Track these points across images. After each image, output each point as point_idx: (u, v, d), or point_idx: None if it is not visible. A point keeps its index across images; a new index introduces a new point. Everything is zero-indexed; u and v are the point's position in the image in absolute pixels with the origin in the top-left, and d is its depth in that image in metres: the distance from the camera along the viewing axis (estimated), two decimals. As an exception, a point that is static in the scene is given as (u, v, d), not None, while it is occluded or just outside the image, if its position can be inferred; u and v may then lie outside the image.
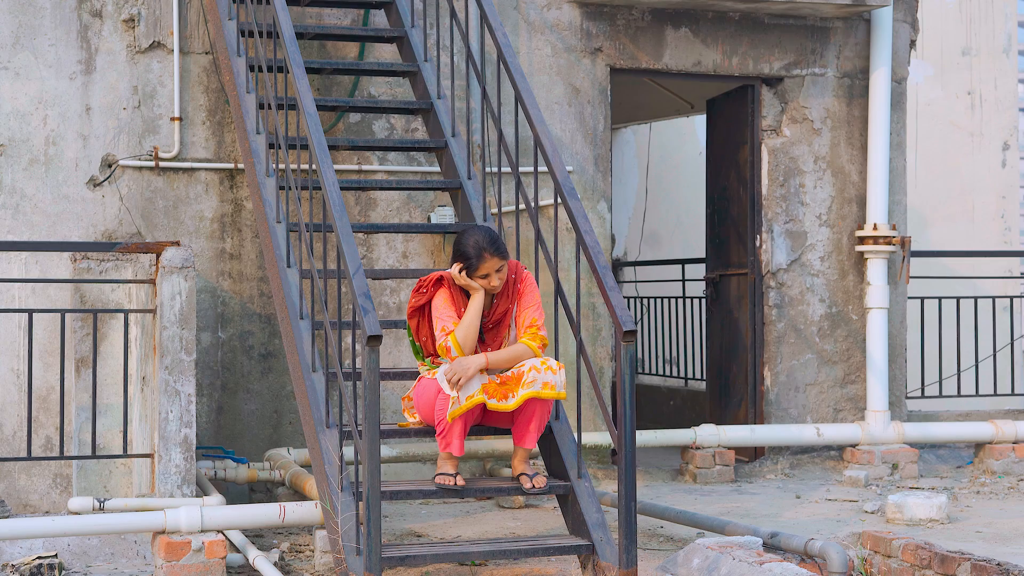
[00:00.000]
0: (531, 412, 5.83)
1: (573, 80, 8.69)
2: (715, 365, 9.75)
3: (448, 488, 5.78)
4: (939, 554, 5.64)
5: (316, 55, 8.26)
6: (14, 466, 7.53)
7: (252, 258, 8.07)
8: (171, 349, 6.57)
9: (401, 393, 8.09)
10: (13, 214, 7.70)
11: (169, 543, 5.94)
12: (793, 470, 9.02)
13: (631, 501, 5.48)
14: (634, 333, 5.47)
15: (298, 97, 6.20)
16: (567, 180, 6.06)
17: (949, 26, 10.22)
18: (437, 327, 5.93)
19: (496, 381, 5.79)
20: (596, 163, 8.73)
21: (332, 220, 5.65)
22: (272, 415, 8.08)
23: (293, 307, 6.40)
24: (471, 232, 5.92)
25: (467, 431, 5.84)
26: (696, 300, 11.79)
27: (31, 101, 7.76)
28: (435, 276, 6.01)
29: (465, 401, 5.71)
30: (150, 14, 7.95)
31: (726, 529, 6.55)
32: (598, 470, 8.42)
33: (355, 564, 5.39)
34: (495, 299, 6.01)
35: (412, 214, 8.36)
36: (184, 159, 7.99)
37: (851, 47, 9.30)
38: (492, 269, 5.87)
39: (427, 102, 7.58)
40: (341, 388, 5.67)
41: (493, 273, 5.88)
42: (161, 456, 6.53)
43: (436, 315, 5.95)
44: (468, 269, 5.88)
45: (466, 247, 5.88)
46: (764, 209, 9.17)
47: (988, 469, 8.95)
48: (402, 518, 7.43)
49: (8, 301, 7.60)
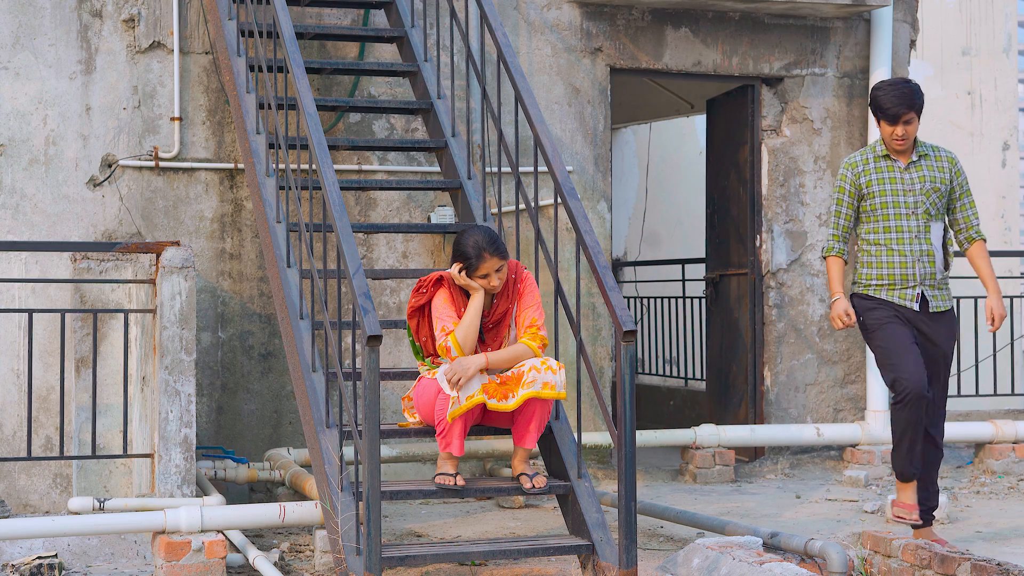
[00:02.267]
0: (531, 412, 5.82)
1: (573, 80, 8.69)
2: (715, 365, 9.75)
3: (448, 488, 5.77)
4: (939, 554, 5.64)
5: (316, 55, 8.26)
6: (14, 466, 7.53)
7: (252, 258, 8.07)
8: (171, 349, 6.57)
9: (401, 393, 8.09)
10: (13, 214, 7.70)
11: (169, 543, 5.94)
12: (793, 470, 9.02)
13: (631, 501, 5.48)
14: (634, 333, 5.47)
15: (298, 97, 6.20)
16: (567, 180, 6.06)
17: (949, 26, 10.21)
18: (437, 327, 5.92)
19: (496, 381, 5.79)
20: (596, 163, 8.73)
21: (332, 220, 5.64)
22: (272, 415, 8.08)
23: (293, 307, 6.40)
24: (470, 232, 5.92)
25: (467, 431, 5.84)
26: (696, 300, 11.78)
27: (31, 101, 7.76)
28: (435, 276, 6.01)
29: (465, 401, 5.71)
30: (150, 14, 7.95)
31: (726, 529, 6.55)
32: (598, 470, 8.42)
33: (355, 564, 5.39)
34: (495, 299, 6.01)
35: (412, 214, 8.36)
36: (184, 159, 7.99)
37: (851, 47, 9.30)
38: (492, 269, 5.87)
39: (427, 102, 7.58)
40: (341, 388, 5.67)
41: (493, 273, 5.88)
42: (161, 456, 6.53)
43: (436, 315, 5.95)
44: (468, 269, 5.88)
45: (466, 247, 5.88)
46: (764, 209, 9.17)
47: (988, 469, 8.95)
48: (402, 518, 7.43)
49: (8, 301, 7.60)
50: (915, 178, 6.34)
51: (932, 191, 6.32)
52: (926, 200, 6.32)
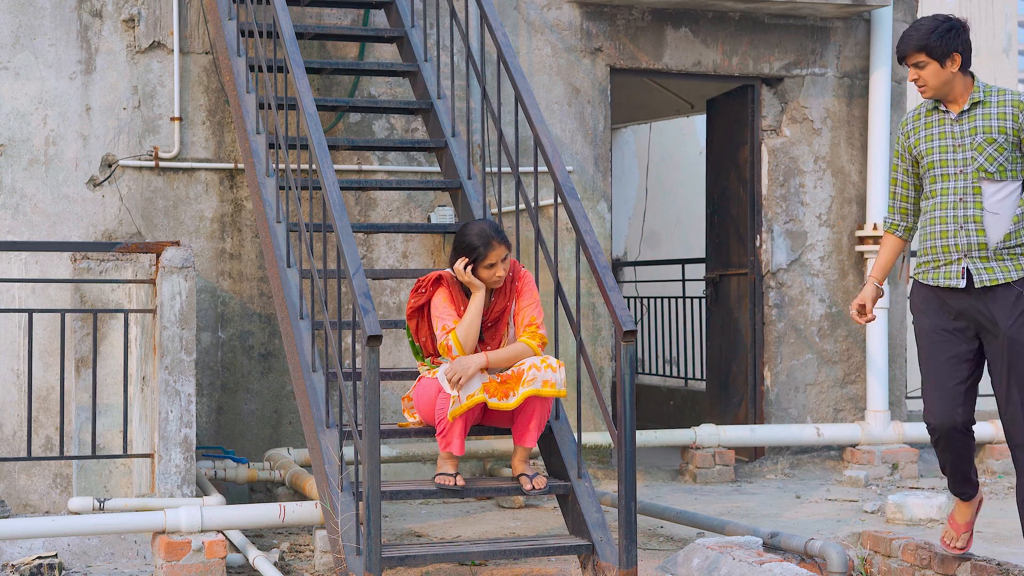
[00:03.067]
0: (531, 410, 5.83)
1: (573, 80, 8.69)
2: (715, 365, 9.75)
3: (448, 488, 5.78)
4: (939, 554, 5.64)
5: (316, 55, 8.26)
6: (14, 466, 7.53)
7: (252, 258, 8.07)
8: (171, 349, 6.57)
9: (401, 393, 8.09)
10: (13, 214, 7.70)
11: (169, 543, 5.94)
12: (793, 470, 9.02)
13: (631, 501, 5.48)
14: (634, 333, 5.47)
15: (298, 97, 6.20)
16: (567, 180, 6.06)
17: (949, 26, 10.23)
18: (437, 326, 5.92)
19: (496, 380, 5.79)
20: (596, 163, 8.73)
21: (332, 220, 5.64)
22: (272, 415, 8.08)
23: (293, 307, 6.40)
24: (473, 223, 5.93)
25: (467, 431, 5.84)
26: (696, 300, 11.78)
27: (31, 101, 7.76)
28: (434, 276, 6.01)
29: (466, 400, 5.71)
30: (150, 14, 7.95)
31: (726, 529, 6.55)
32: (598, 470, 8.42)
33: (355, 564, 5.39)
34: (493, 297, 6.01)
35: (412, 214, 8.36)
36: (184, 159, 7.99)
37: (851, 47, 9.30)
38: (499, 258, 5.86)
39: (427, 102, 7.58)
40: (341, 388, 5.67)
41: (499, 263, 5.87)
42: (161, 456, 6.53)
43: (436, 314, 5.95)
44: (476, 259, 5.86)
45: (471, 237, 5.87)
46: (764, 209, 9.17)
47: (988, 469, 8.95)
48: (402, 518, 7.43)
49: (8, 301, 7.60)
50: (966, 130, 5.30)
51: (987, 143, 5.25)
52: (979, 155, 5.25)
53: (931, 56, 5.26)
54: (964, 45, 5.29)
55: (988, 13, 10.39)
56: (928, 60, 5.27)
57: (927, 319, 5.39)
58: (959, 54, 5.27)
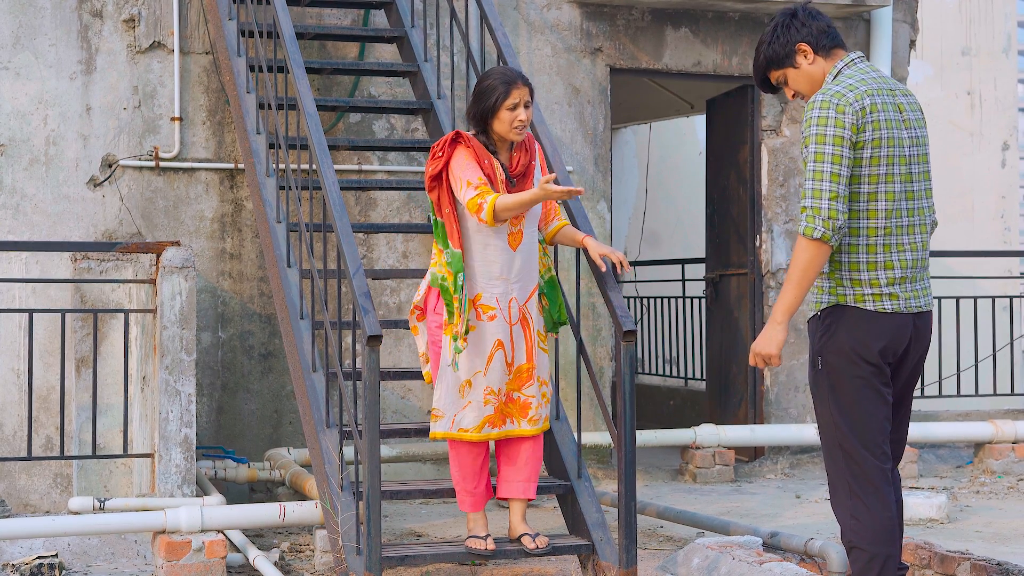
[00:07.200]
0: (526, 455, 5.67)
1: (573, 80, 8.70)
2: (715, 365, 9.75)
3: (479, 552, 5.56)
4: (939, 554, 5.65)
5: (316, 55, 8.26)
6: (14, 466, 7.53)
7: (252, 258, 8.07)
8: (171, 349, 6.57)
9: (401, 393, 8.09)
10: (13, 214, 7.70)
11: (169, 543, 5.94)
12: (793, 470, 9.03)
13: (631, 501, 5.48)
14: (634, 333, 5.47)
15: (298, 97, 6.20)
16: (567, 180, 6.06)
17: (949, 26, 10.23)
18: (462, 183, 5.36)
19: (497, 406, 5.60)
20: (596, 163, 8.74)
21: (332, 220, 5.65)
22: (272, 415, 8.09)
23: (293, 307, 6.41)
24: (488, 72, 5.53)
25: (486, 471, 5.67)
26: (696, 300, 11.78)
27: (31, 101, 7.76)
28: (450, 136, 5.48)
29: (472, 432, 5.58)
30: (150, 14, 7.95)
31: (726, 529, 6.55)
32: (598, 470, 8.42)
33: (355, 564, 5.39)
34: (512, 151, 5.59)
35: (412, 214, 8.36)
36: (184, 159, 7.99)
37: (851, 47, 9.29)
38: (521, 98, 5.44)
39: (427, 102, 7.58)
40: (341, 388, 5.67)
41: (522, 105, 5.44)
42: (161, 456, 6.53)
43: (459, 173, 5.38)
44: (500, 98, 5.39)
45: (492, 80, 5.42)
46: (764, 209, 9.17)
47: (988, 469, 8.96)
48: (402, 518, 7.43)
49: (8, 301, 7.60)
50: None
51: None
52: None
53: (781, 66, 4.63)
54: (807, 30, 4.61)
55: (988, 13, 10.40)
56: (782, 71, 4.64)
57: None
58: (805, 43, 4.60)
